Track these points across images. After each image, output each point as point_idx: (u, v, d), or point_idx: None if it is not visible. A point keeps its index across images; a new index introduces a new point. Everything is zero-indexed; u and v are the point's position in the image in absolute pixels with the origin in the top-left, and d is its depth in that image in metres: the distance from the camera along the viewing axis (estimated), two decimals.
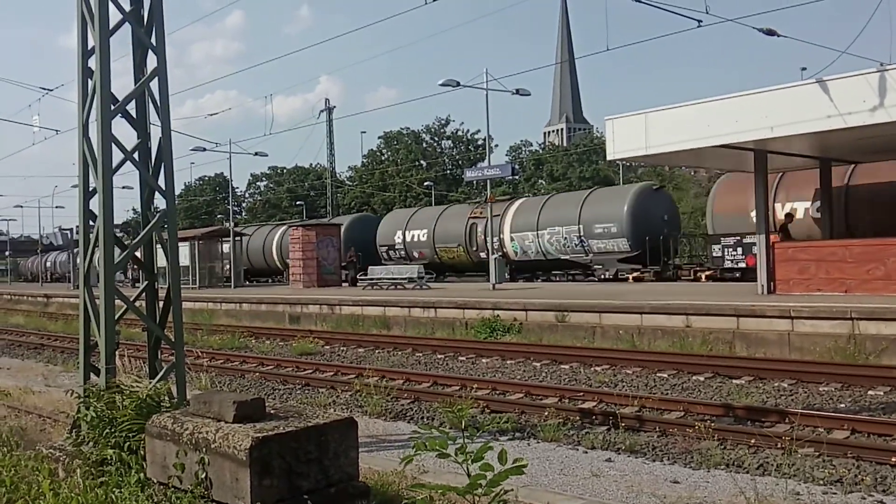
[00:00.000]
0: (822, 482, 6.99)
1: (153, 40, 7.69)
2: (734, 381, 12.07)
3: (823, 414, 9.37)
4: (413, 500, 3.79)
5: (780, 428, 8.73)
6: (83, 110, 7.59)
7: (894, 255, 16.47)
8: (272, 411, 4.95)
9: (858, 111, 14.89)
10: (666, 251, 30.13)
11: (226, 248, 40.97)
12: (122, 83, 7.73)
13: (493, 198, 31.07)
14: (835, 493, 6.66)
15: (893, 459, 7.49)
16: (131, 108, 7.82)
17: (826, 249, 17.88)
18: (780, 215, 23.31)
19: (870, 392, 10.96)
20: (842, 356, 13.09)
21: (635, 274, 29.97)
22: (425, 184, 77.02)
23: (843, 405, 10.37)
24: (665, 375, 12.81)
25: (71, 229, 59.36)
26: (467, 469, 3.78)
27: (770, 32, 20.61)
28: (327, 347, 18.76)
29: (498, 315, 19.21)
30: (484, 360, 15.41)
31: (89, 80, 7.57)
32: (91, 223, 7.65)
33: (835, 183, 21.83)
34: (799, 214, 23.75)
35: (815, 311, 14.25)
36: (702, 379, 12.34)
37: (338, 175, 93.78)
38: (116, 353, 7.37)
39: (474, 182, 57.14)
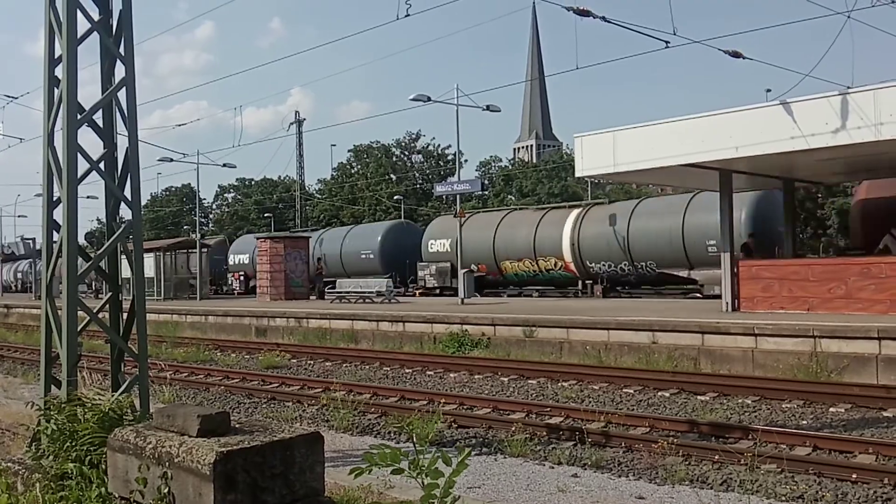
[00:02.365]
0: (784, 498, 7.08)
1: (122, 50, 7.63)
2: (699, 397, 12.19)
3: (786, 430, 9.49)
4: None
5: (743, 444, 8.83)
6: (49, 119, 7.50)
7: (855, 274, 16.78)
8: (237, 425, 4.90)
9: (821, 133, 15.20)
10: None
11: (192, 259, 40.62)
12: (89, 92, 7.66)
13: (462, 213, 31.15)
14: None
15: (854, 476, 7.61)
16: (98, 117, 7.73)
17: (789, 268, 18.17)
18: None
19: (831, 409, 11.13)
20: (804, 373, 13.28)
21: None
22: (395, 198, 77.01)
23: (805, 422, 10.51)
24: (631, 391, 12.89)
25: (33, 239, 58.41)
26: (421, 482, 3.78)
27: (735, 55, 20.91)
28: (294, 361, 18.63)
29: (466, 330, 19.22)
30: (452, 375, 15.39)
31: (56, 88, 7.49)
32: (55, 233, 7.54)
33: None
34: None
35: (778, 329, 14.46)
36: (667, 395, 12.44)
37: (307, 188, 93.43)
38: (78, 365, 7.25)
39: (444, 197, 57.26)
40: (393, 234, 41.65)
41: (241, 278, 46.13)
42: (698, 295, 26.99)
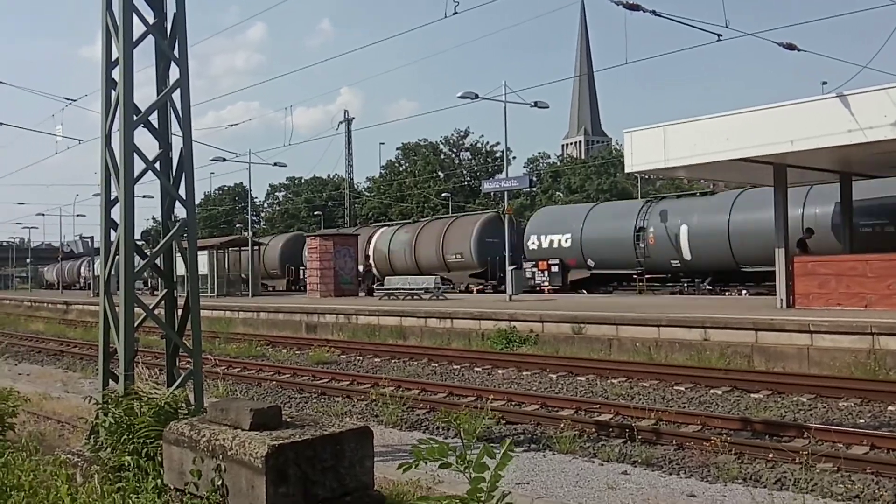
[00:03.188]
0: (840, 497, 6.93)
1: (176, 52, 7.79)
2: (752, 395, 11.99)
3: (842, 429, 9.28)
4: None
5: (798, 443, 8.65)
6: (106, 120, 7.70)
7: None
8: (288, 419, 4.97)
9: (880, 125, 14.82)
10: None
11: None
12: (145, 93, 7.83)
13: (510, 210, 31.07)
14: None
15: None
16: (153, 118, 7.91)
17: (846, 264, 17.74)
18: None
19: (890, 407, 10.84)
20: (861, 371, 12.97)
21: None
22: (443, 195, 77.14)
23: (862, 420, 10.27)
24: (682, 388, 12.73)
25: (91, 237, 59.87)
26: (469, 476, 3.79)
27: (790, 47, 20.49)
28: (343, 357, 18.80)
29: (514, 326, 19.18)
30: (500, 371, 15.38)
31: (113, 90, 7.67)
32: (112, 232, 7.73)
33: None
34: None
35: (834, 326, 14.14)
36: (719, 392, 12.26)
37: (356, 186, 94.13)
38: (135, 360, 7.44)
39: (492, 193, 57.18)
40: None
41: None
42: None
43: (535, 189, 77.00)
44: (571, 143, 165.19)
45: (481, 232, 36.63)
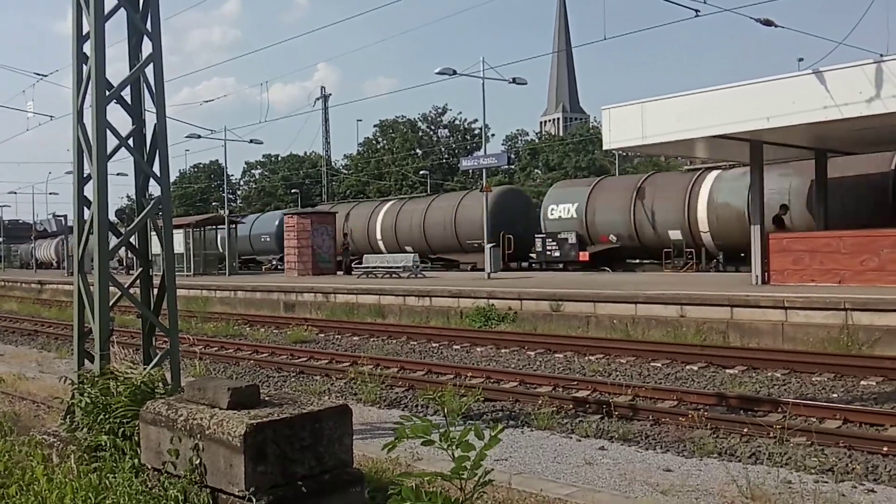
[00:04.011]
0: (813, 471, 7.04)
1: (148, 25, 7.65)
2: (727, 370, 12.13)
3: (816, 403, 9.43)
4: (399, 488, 3.79)
5: (772, 417, 8.78)
6: (78, 96, 7.56)
7: (888, 246, 16.53)
8: (267, 398, 4.95)
9: (855, 102, 14.93)
10: None
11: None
12: (118, 69, 7.67)
13: (488, 187, 31.05)
14: (826, 482, 6.70)
15: (885, 449, 7.55)
16: (126, 94, 7.77)
17: (820, 240, 17.92)
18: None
19: (862, 382, 11.02)
20: (835, 346, 13.15)
21: None
22: (421, 172, 76.96)
23: (835, 395, 10.43)
24: (659, 365, 12.85)
25: (65, 216, 59.21)
26: (452, 454, 3.80)
27: (767, 23, 20.59)
28: (322, 335, 18.78)
29: (493, 304, 19.24)
30: (478, 349, 15.44)
31: (84, 65, 7.53)
32: (85, 210, 7.63)
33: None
34: None
35: (808, 302, 14.30)
36: (695, 368, 12.39)
37: (333, 163, 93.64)
38: (110, 339, 7.37)
39: (470, 171, 57.11)
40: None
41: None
42: None
43: (513, 167, 77.01)
44: (550, 120, 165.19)
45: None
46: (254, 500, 4.16)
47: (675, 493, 6.42)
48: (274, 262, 45.40)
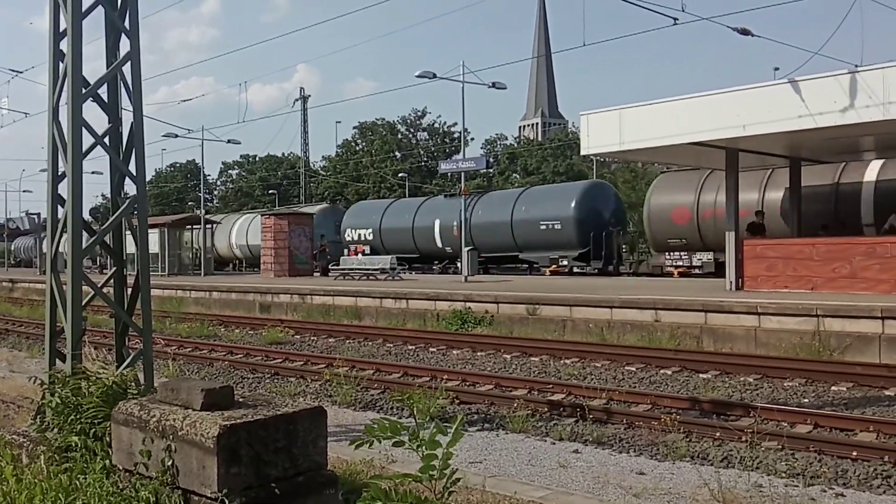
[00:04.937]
0: (784, 475, 7.12)
1: (126, 24, 7.59)
2: (701, 375, 12.23)
3: (787, 408, 9.54)
4: (370, 490, 3.80)
5: (744, 422, 8.86)
6: (54, 93, 7.49)
7: (860, 253, 16.75)
8: (241, 399, 4.92)
9: (829, 112, 15.11)
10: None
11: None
12: (95, 67, 7.64)
13: (466, 190, 31.11)
14: (796, 486, 6.79)
15: (854, 453, 7.65)
16: (103, 92, 7.71)
17: (794, 247, 18.13)
18: None
19: (833, 388, 11.16)
20: (807, 352, 13.30)
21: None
22: (399, 175, 76.91)
23: (806, 400, 10.55)
24: (633, 369, 12.93)
25: (38, 214, 58.50)
26: (422, 454, 3.81)
27: (744, 32, 20.80)
28: (297, 337, 18.71)
29: (469, 307, 19.26)
30: (455, 352, 15.45)
31: (60, 62, 7.46)
32: (59, 208, 7.55)
33: None
34: None
35: (781, 308, 14.46)
36: (669, 373, 12.48)
37: (311, 165, 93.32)
38: (83, 339, 7.29)
39: (449, 174, 57.15)
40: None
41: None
42: None
43: (491, 170, 77.15)
44: (529, 125, 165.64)
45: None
46: (226, 502, 4.14)
47: (647, 496, 6.47)
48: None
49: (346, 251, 37.97)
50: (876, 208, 22.24)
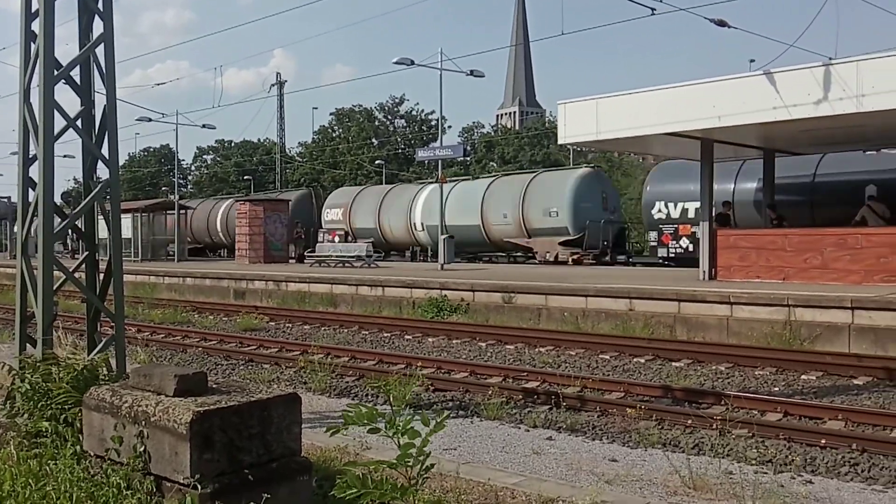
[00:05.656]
0: (753, 462, 7.22)
1: (100, 5, 7.48)
2: (673, 363, 12.35)
3: (758, 397, 9.67)
4: (345, 476, 3.80)
5: (715, 410, 8.96)
6: (25, 75, 7.37)
7: (830, 245, 16.95)
8: (214, 386, 4.90)
9: (803, 104, 15.24)
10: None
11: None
12: (68, 49, 7.51)
13: (444, 178, 31.06)
14: (765, 473, 6.88)
15: (823, 441, 7.77)
16: (76, 74, 7.60)
17: (766, 238, 18.32)
18: None
19: (803, 376, 11.31)
20: (778, 342, 13.48)
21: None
22: (376, 162, 76.64)
23: (776, 389, 10.69)
24: (607, 357, 13.03)
25: (8, 197, 57.64)
26: (398, 441, 3.82)
27: (721, 23, 20.92)
28: (272, 324, 18.63)
29: (445, 295, 19.28)
30: (430, 339, 15.47)
31: (32, 43, 7.34)
32: (30, 191, 7.45)
33: None
34: None
35: (753, 298, 14.62)
36: (642, 361, 12.59)
37: (287, 151, 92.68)
38: (54, 324, 7.21)
39: (426, 162, 57.06)
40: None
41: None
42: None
43: (469, 158, 77.08)
44: (506, 114, 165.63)
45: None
46: (199, 488, 4.13)
47: (619, 482, 6.53)
48: None
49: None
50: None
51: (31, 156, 7.43)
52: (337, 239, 36.80)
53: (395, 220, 37.91)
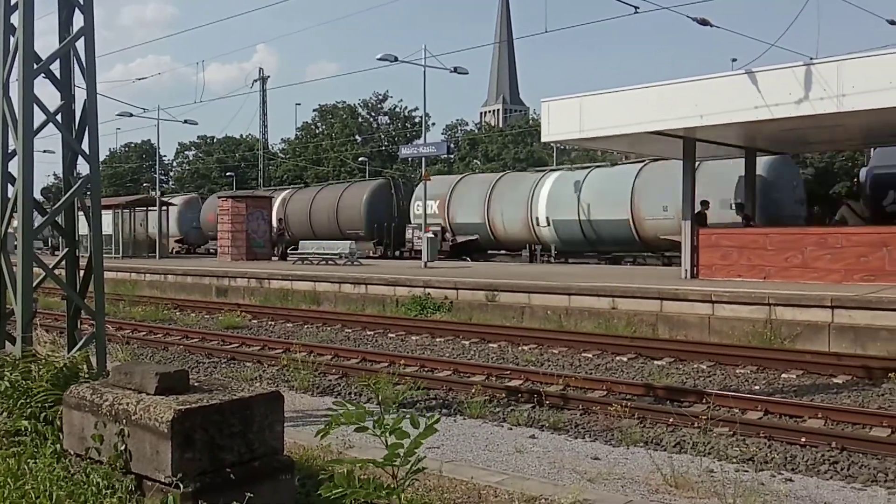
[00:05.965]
0: (735, 460, 7.26)
1: None
2: (656, 361, 12.40)
3: (739, 395, 9.72)
4: (332, 474, 3.77)
5: (697, 408, 9.00)
6: (4, 69, 7.28)
7: (811, 244, 17.08)
8: (196, 384, 4.87)
9: (785, 103, 15.34)
10: None
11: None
12: (48, 42, 7.44)
13: (427, 176, 31.02)
14: (746, 471, 6.92)
15: (803, 439, 7.83)
16: (56, 68, 7.52)
17: (748, 237, 18.43)
18: None
19: (783, 375, 11.40)
20: (758, 340, 13.56)
21: None
22: (360, 159, 76.44)
23: (757, 387, 10.76)
24: (590, 356, 13.07)
25: None
26: (385, 441, 3.80)
27: (703, 22, 21.04)
28: (255, 321, 18.54)
29: (429, 293, 19.26)
30: (413, 338, 15.45)
31: (11, 37, 7.26)
32: (10, 187, 7.37)
33: None
34: None
35: (734, 297, 14.71)
36: (625, 359, 12.63)
37: (270, 147, 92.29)
38: (34, 322, 7.14)
39: (409, 159, 56.95)
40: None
41: None
42: None
43: (452, 156, 77.03)
44: (490, 112, 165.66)
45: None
46: (180, 487, 4.10)
47: (602, 480, 6.55)
48: None
49: None
50: None
51: (10, 151, 7.35)
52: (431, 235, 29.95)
53: (510, 214, 31.58)
